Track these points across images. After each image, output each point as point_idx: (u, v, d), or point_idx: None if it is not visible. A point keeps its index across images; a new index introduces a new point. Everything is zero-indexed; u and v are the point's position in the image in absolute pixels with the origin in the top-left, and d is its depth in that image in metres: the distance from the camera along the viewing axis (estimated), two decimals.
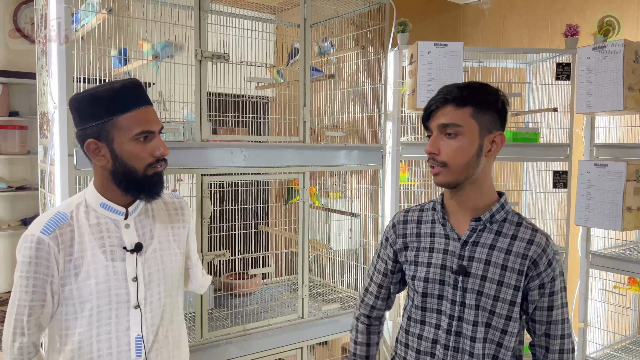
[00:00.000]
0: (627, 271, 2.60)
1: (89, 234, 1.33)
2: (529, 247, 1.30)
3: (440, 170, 1.30)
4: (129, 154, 1.30)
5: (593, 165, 2.52)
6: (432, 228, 1.39)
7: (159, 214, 1.46)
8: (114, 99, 1.29)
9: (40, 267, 1.27)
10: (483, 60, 2.97)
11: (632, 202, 2.45)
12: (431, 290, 1.35)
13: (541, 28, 3.74)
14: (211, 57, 2.12)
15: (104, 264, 1.32)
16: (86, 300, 1.30)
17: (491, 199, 1.35)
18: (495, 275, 1.29)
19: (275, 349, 2.40)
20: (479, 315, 1.30)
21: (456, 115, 1.27)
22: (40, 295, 1.28)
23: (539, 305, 1.32)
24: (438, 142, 1.29)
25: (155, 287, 1.40)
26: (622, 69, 2.38)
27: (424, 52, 2.53)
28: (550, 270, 1.31)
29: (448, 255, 1.34)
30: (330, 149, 2.57)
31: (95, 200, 1.36)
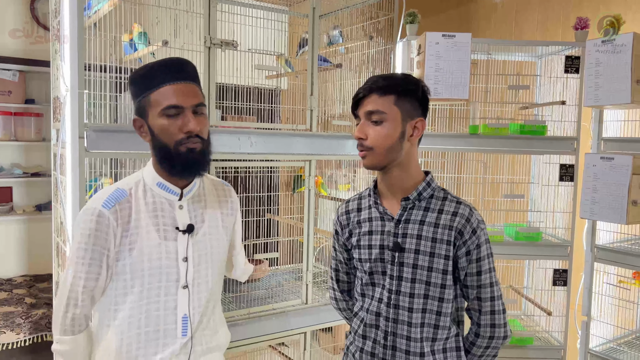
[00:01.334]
0: (633, 265, 2.60)
1: (144, 211, 1.36)
2: (454, 218, 1.43)
3: (366, 154, 1.41)
4: (159, 129, 1.32)
5: (599, 159, 2.52)
6: (370, 213, 1.51)
7: (210, 200, 1.49)
8: (149, 76, 1.33)
9: (99, 239, 1.31)
10: (492, 52, 2.97)
11: (638, 195, 2.44)
12: (375, 268, 1.47)
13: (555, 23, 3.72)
14: (220, 45, 2.15)
15: (157, 242, 1.35)
16: (137, 277, 1.34)
17: (417, 178, 1.47)
18: (427, 247, 1.42)
19: (278, 333, 2.45)
20: (415, 287, 1.42)
21: (380, 103, 1.39)
22: (96, 267, 1.32)
23: (469, 271, 1.45)
24: (365, 128, 1.41)
25: (204, 269, 1.43)
26: (630, 62, 2.37)
27: (432, 43, 2.54)
28: (475, 238, 1.43)
29: (385, 235, 1.46)
30: (337, 138, 2.60)
31: (152, 180, 1.39)
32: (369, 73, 2.89)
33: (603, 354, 2.70)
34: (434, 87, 2.54)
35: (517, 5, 3.94)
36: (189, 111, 1.32)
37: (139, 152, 2.04)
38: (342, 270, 1.65)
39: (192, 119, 1.31)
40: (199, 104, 1.34)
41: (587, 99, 2.56)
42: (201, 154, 1.35)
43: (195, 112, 1.34)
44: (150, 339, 1.36)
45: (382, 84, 1.40)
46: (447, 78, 2.55)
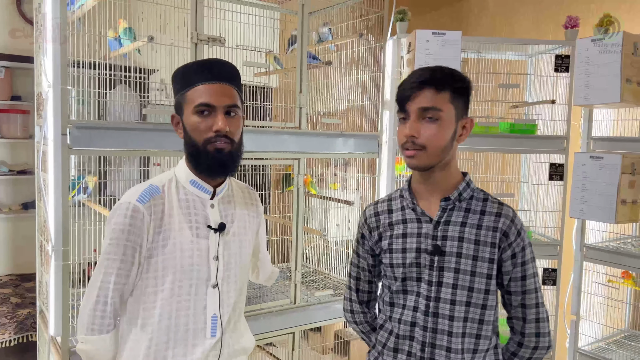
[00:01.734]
0: (621, 264, 2.60)
1: (177, 208, 1.35)
2: (498, 219, 1.34)
3: (417, 153, 1.31)
4: (191, 126, 1.33)
5: (589, 158, 2.51)
6: (403, 215, 1.41)
7: (239, 201, 1.49)
8: (187, 74, 1.34)
9: (133, 235, 1.30)
10: (483, 51, 2.95)
11: (627, 195, 2.44)
12: (409, 274, 1.37)
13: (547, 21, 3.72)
14: (207, 40, 2.12)
15: (190, 239, 1.34)
16: (169, 274, 1.32)
17: (457, 178, 1.39)
18: (469, 250, 1.32)
19: (266, 333, 2.42)
20: (457, 294, 1.32)
21: (436, 99, 1.29)
22: (128, 264, 1.31)
23: (513, 275, 1.36)
24: (418, 125, 1.30)
25: (233, 269, 1.42)
26: (620, 61, 2.36)
27: (422, 41, 2.52)
28: (520, 240, 1.35)
29: (422, 238, 1.36)
30: (326, 136, 2.58)
31: (185, 177, 1.39)
32: (359, 71, 2.87)
33: (592, 353, 2.70)
34: None
35: (509, 3, 3.93)
36: (221, 111, 1.32)
37: (126, 150, 2.01)
38: (364, 278, 1.53)
39: (222, 118, 1.31)
40: (232, 105, 1.34)
41: (577, 98, 2.55)
42: (229, 155, 1.34)
43: (228, 112, 1.34)
44: (180, 338, 1.34)
45: (438, 78, 1.29)
46: None
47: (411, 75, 1.34)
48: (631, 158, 2.45)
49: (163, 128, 2.07)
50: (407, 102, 1.31)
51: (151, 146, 2.06)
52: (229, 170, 1.39)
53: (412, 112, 1.31)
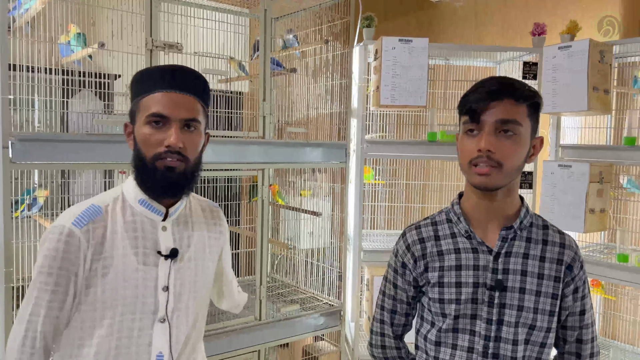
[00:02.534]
0: (591, 273, 2.58)
1: (122, 232, 1.20)
2: (562, 251, 1.23)
3: (491, 171, 1.15)
4: (141, 138, 1.18)
5: (557, 166, 2.49)
6: (455, 243, 1.26)
7: (197, 221, 1.33)
8: (145, 80, 1.20)
9: (66, 262, 1.15)
10: (450, 58, 2.92)
11: (595, 204, 2.42)
12: (464, 311, 1.22)
13: (513, 28, 3.72)
14: (163, 47, 2.02)
15: (135, 267, 1.19)
16: (109, 307, 1.17)
17: (518, 204, 1.26)
18: (533, 285, 1.21)
19: (230, 352, 2.32)
20: (518, 332, 1.20)
21: (516, 111, 1.16)
22: (61, 295, 1.15)
23: (572, 310, 1.25)
24: (494, 139, 1.15)
25: (185, 300, 1.25)
26: (587, 69, 2.35)
27: (389, 48, 2.47)
28: (582, 273, 1.25)
29: (480, 271, 1.22)
30: (292, 146, 2.50)
31: (134, 196, 1.23)
32: (326, 78, 2.80)
33: None
34: (391, 93, 2.47)
35: (477, 10, 3.92)
36: (176, 124, 1.16)
37: (75, 163, 1.89)
38: (401, 312, 1.36)
39: (177, 133, 1.16)
40: (191, 119, 1.18)
41: (545, 105, 2.52)
42: (182, 175, 1.18)
43: (187, 126, 1.18)
44: None
45: (518, 89, 1.17)
46: (404, 84, 2.48)
47: (480, 84, 1.20)
48: (599, 166, 2.43)
49: (115, 140, 1.96)
50: (483, 112, 1.16)
51: (107, 158, 1.94)
52: (181, 192, 1.23)
53: (488, 123, 1.16)
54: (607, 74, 2.45)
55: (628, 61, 2.73)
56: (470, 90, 1.21)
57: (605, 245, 2.84)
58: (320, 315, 2.62)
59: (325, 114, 2.83)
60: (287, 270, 3.17)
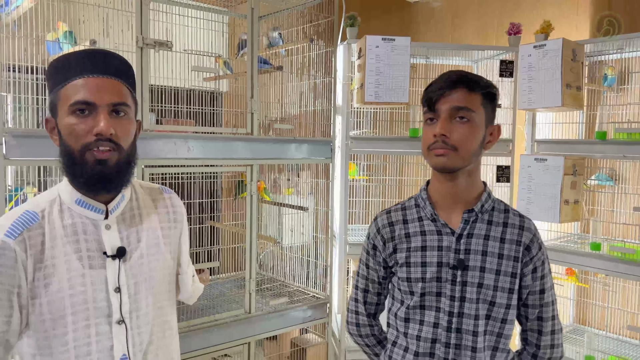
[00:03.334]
0: (565, 262, 2.70)
1: (62, 237, 1.12)
2: (521, 232, 1.31)
3: (447, 153, 1.25)
4: (66, 130, 1.09)
5: (534, 160, 2.61)
6: (421, 226, 1.35)
7: (146, 213, 1.25)
8: (63, 67, 1.10)
9: (4, 276, 1.06)
10: (430, 56, 3.01)
11: (569, 195, 2.54)
12: (429, 289, 1.31)
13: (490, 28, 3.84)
14: (153, 45, 2.05)
15: (80, 272, 1.12)
16: (59, 317, 1.10)
17: (480, 189, 1.35)
18: (493, 264, 1.29)
19: (220, 345, 2.36)
20: (479, 308, 1.28)
21: (469, 99, 1.25)
22: (5, 309, 1.07)
23: (532, 289, 1.33)
24: (449, 125, 1.25)
25: (143, 299, 1.19)
26: (560, 67, 2.47)
27: (372, 47, 2.54)
28: (540, 254, 1.33)
29: (443, 252, 1.31)
30: (279, 142, 2.55)
31: (70, 196, 1.15)
32: (310, 76, 2.86)
33: None
34: (375, 90, 2.54)
35: (455, 10, 4.03)
36: (104, 110, 1.08)
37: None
38: (373, 291, 1.46)
39: (106, 118, 1.07)
40: (119, 103, 1.11)
41: (521, 102, 2.64)
42: (116, 166, 1.11)
43: (115, 112, 1.11)
44: None
45: (471, 79, 1.26)
46: (388, 81, 2.56)
47: (439, 77, 1.30)
48: (572, 160, 2.55)
49: None
50: (438, 101, 1.26)
51: None
52: (115, 186, 1.15)
53: (443, 111, 1.26)
54: (579, 72, 2.57)
55: (598, 59, 2.86)
56: (430, 83, 1.31)
57: (579, 235, 2.97)
58: (308, 307, 2.69)
59: (310, 111, 2.89)
60: (273, 265, 3.22)
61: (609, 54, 2.78)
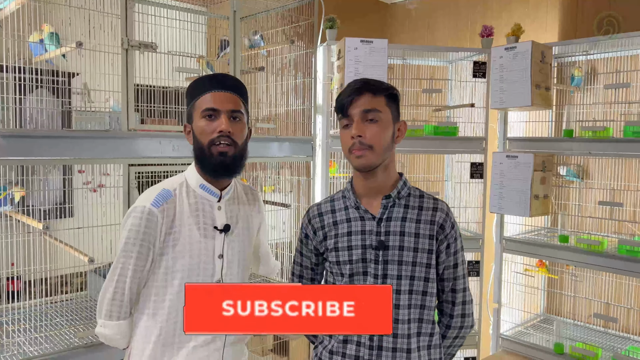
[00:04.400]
0: (536, 254, 2.84)
1: (187, 211, 1.48)
2: (435, 213, 1.49)
3: (364, 153, 1.41)
4: (198, 130, 1.46)
5: (505, 157, 2.73)
6: (347, 214, 1.51)
7: (243, 202, 1.62)
8: (197, 86, 1.49)
9: (147, 235, 1.42)
10: (407, 58, 3.11)
11: (539, 190, 2.67)
12: (356, 269, 1.46)
13: (463, 30, 3.96)
14: (138, 46, 2.10)
15: (198, 239, 1.47)
16: (178, 270, 1.45)
17: (395, 178, 1.52)
18: (410, 243, 1.45)
19: None
20: (401, 284, 1.43)
21: (375, 102, 1.43)
22: (143, 261, 1.44)
23: (447, 264, 1.50)
24: (363, 126, 1.41)
25: (235, 266, 1.54)
26: (530, 68, 2.59)
27: (351, 48, 2.63)
28: (453, 232, 1.50)
29: (366, 235, 1.46)
30: (261, 141, 2.62)
31: (195, 181, 1.51)
32: (291, 76, 2.94)
33: (513, 337, 2.92)
34: None
35: (430, 12, 4.15)
36: (225, 115, 1.45)
37: (48, 159, 1.94)
38: (306, 276, 1.63)
39: (226, 121, 1.44)
40: (236, 110, 1.47)
41: (493, 101, 2.76)
42: (232, 158, 1.46)
43: (233, 117, 1.47)
44: None
45: (373, 85, 1.44)
46: None
47: (347, 87, 1.47)
48: (542, 156, 2.68)
49: (93, 135, 2.03)
50: (349, 107, 1.43)
51: (82, 154, 2.00)
52: (233, 173, 1.51)
53: (354, 115, 1.42)
54: (548, 73, 2.70)
55: (566, 61, 3.00)
56: (340, 93, 1.48)
57: (548, 229, 3.11)
58: None
59: (290, 110, 2.96)
60: None
61: (575, 55, 2.92)
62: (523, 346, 2.85)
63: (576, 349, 2.61)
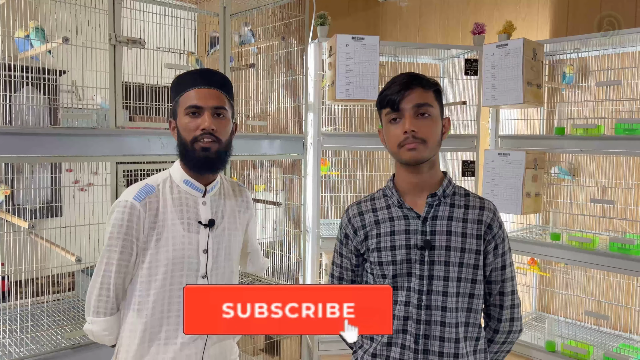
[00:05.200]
0: (528, 252, 2.83)
1: (171, 206, 1.48)
2: (482, 212, 1.42)
3: (418, 146, 1.36)
4: (182, 127, 1.46)
5: (497, 155, 2.72)
6: (389, 213, 1.45)
7: (230, 198, 1.61)
8: (181, 82, 1.49)
9: (130, 229, 1.43)
10: (399, 55, 3.10)
11: (531, 188, 2.67)
12: (400, 270, 1.40)
13: (455, 27, 3.95)
14: (126, 42, 2.07)
15: (181, 234, 1.47)
16: (162, 265, 1.45)
17: (440, 176, 1.46)
18: (457, 243, 1.39)
19: None
20: (448, 285, 1.38)
21: (427, 96, 1.38)
22: (127, 255, 1.44)
23: (494, 266, 1.44)
24: (415, 121, 1.37)
25: (221, 261, 1.54)
26: (522, 66, 2.58)
27: (342, 45, 2.61)
28: (501, 232, 1.44)
29: (411, 234, 1.41)
30: (252, 138, 2.59)
31: (179, 177, 1.51)
32: (282, 73, 2.91)
33: None
34: (346, 88, 2.61)
35: (421, 9, 4.14)
36: (208, 111, 1.44)
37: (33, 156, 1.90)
38: (347, 278, 1.55)
39: (209, 118, 1.44)
40: (219, 107, 1.46)
41: (485, 99, 2.75)
42: (216, 153, 1.46)
43: (217, 114, 1.46)
44: (172, 322, 1.47)
45: (422, 79, 1.40)
46: (358, 79, 2.63)
47: (393, 80, 1.42)
48: (533, 154, 2.68)
49: (80, 133, 2.00)
50: (401, 101, 1.37)
51: (69, 152, 1.97)
52: (216, 168, 1.50)
53: (407, 109, 1.37)
54: (540, 70, 2.70)
55: (557, 59, 3.00)
56: (386, 87, 1.43)
57: (540, 227, 3.11)
58: None
59: (282, 108, 2.94)
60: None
61: (567, 53, 2.92)
62: (514, 344, 2.84)
63: (568, 347, 2.61)
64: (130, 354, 1.47)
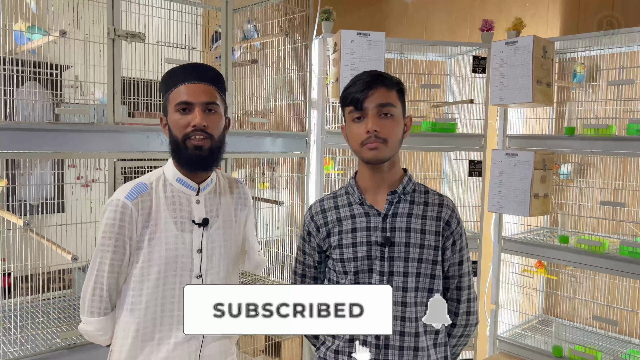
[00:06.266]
0: (535, 255, 2.77)
1: (164, 204, 1.45)
2: (441, 209, 1.46)
3: (379, 146, 1.38)
4: (173, 124, 1.42)
5: (505, 155, 2.66)
6: (351, 210, 1.47)
7: (226, 196, 1.57)
8: (171, 77, 1.44)
9: (123, 229, 1.40)
10: (405, 52, 3.04)
11: (539, 189, 2.60)
12: (361, 267, 1.42)
13: (461, 24, 3.89)
14: (125, 36, 2.02)
15: (174, 233, 1.44)
16: (155, 265, 1.42)
17: (400, 174, 1.49)
18: (416, 240, 1.42)
19: None
20: (407, 281, 1.41)
21: (389, 96, 1.40)
22: (120, 255, 1.42)
23: (452, 261, 1.48)
24: (378, 120, 1.38)
25: (216, 261, 1.50)
26: (531, 63, 2.51)
27: (347, 41, 2.55)
28: (459, 228, 1.48)
29: (371, 231, 1.43)
30: (254, 136, 2.54)
31: (172, 175, 1.48)
32: (286, 69, 2.86)
33: (510, 339, 2.86)
34: None
35: (427, 6, 4.07)
36: (199, 107, 1.40)
37: (36, 153, 1.87)
38: (309, 275, 1.58)
39: (200, 114, 1.39)
40: (211, 102, 1.41)
41: (493, 98, 2.69)
42: (209, 151, 1.42)
43: (208, 109, 1.41)
44: (165, 323, 1.45)
45: (386, 78, 1.41)
46: None
47: (357, 78, 1.42)
48: (542, 154, 2.61)
49: (77, 129, 1.95)
50: (364, 100, 1.38)
51: (66, 148, 1.93)
52: (209, 166, 1.46)
53: (370, 109, 1.38)
54: (550, 69, 2.63)
55: (568, 57, 2.93)
56: (349, 85, 1.43)
57: (548, 229, 3.04)
58: None
59: (285, 105, 2.89)
60: None
61: (578, 51, 2.85)
62: (520, 348, 2.79)
63: (575, 352, 2.55)
64: (123, 354, 1.44)
